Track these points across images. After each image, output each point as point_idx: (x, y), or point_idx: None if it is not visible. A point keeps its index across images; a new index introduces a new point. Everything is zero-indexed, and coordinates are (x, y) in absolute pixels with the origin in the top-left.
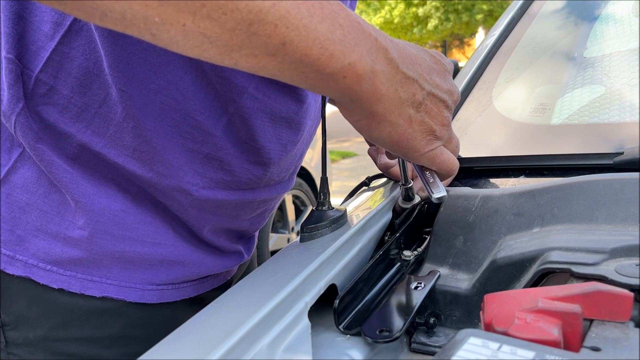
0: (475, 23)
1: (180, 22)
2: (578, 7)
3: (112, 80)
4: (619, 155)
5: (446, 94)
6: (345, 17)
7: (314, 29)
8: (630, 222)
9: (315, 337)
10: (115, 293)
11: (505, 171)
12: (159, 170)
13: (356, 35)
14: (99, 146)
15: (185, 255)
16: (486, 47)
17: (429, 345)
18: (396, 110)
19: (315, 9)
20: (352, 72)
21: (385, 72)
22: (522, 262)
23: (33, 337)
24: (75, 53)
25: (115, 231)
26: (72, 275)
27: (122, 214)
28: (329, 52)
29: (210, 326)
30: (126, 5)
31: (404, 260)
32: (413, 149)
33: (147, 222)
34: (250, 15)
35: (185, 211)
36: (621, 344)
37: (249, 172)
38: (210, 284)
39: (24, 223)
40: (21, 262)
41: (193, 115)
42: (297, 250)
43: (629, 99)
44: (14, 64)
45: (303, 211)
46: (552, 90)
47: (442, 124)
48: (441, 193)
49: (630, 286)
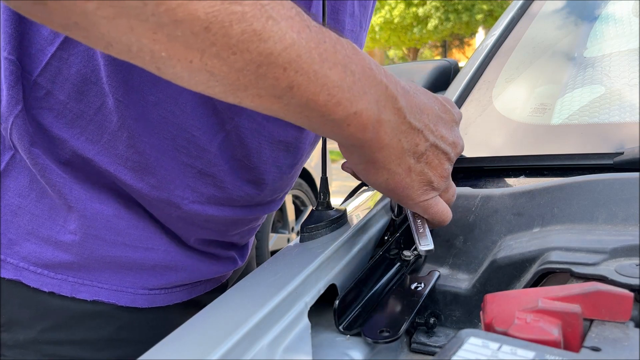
0: (475, 23)
1: (187, 58)
2: (578, 7)
3: (110, 90)
4: (619, 155)
5: (450, 146)
6: (357, 63)
7: (323, 75)
8: (631, 222)
9: (315, 337)
10: (106, 297)
11: (505, 171)
12: (149, 181)
13: (366, 82)
14: (92, 153)
15: (177, 261)
16: (486, 47)
17: (429, 345)
18: (396, 159)
19: (328, 54)
20: (357, 121)
21: (392, 121)
22: (522, 262)
23: (24, 339)
24: (73, 59)
25: (108, 236)
26: (62, 279)
27: (114, 219)
28: (336, 99)
29: (210, 326)
30: (133, 39)
31: (404, 260)
32: (408, 198)
33: (139, 228)
34: (260, 57)
35: (173, 223)
36: (621, 344)
37: (241, 190)
38: (203, 287)
39: (15, 226)
40: (12, 265)
41: (189, 130)
42: (297, 250)
43: (629, 99)
44: (15, 65)
45: (303, 211)
46: (552, 90)
47: (441, 176)
48: (428, 246)
49: (630, 286)
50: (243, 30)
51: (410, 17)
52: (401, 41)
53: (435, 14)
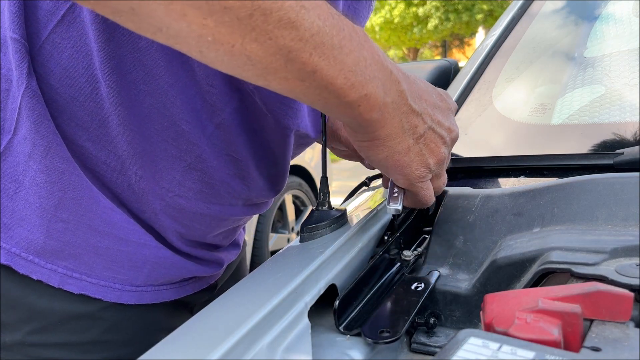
0: (475, 23)
1: (230, 42)
2: (578, 7)
3: (102, 76)
4: (619, 155)
5: (445, 131)
6: (368, 49)
7: (341, 60)
8: (631, 222)
9: (315, 337)
10: (93, 292)
11: (505, 171)
12: (136, 171)
13: (376, 67)
14: (82, 139)
15: (167, 258)
16: (486, 47)
17: (429, 346)
18: (397, 137)
19: (346, 41)
20: (366, 102)
21: (395, 102)
22: (522, 262)
23: (10, 341)
24: (66, 44)
25: (101, 227)
26: (52, 269)
27: (109, 211)
28: (351, 82)
29: (210, 326)
30: (184, 24)
31: (404, 260)
32: (404, 176)
33: (133, 222)
34: (291, 43)
35: (156, 216)
36: (621, 344)
37: (228, 187)
38: (191, 287)
39: (9, 211)
40: (4, 249)
41: (179, 124)
42: (297, 250)
43: (629, 99)
44: (19, 43)
45: (303, 211)
46: (552, 90)
47: (438, 159)
48: (397, 206)
49: (630, 286)
50: (280, 18)
51: (410, 17)
52: (401, 41)
53: (435, 14)
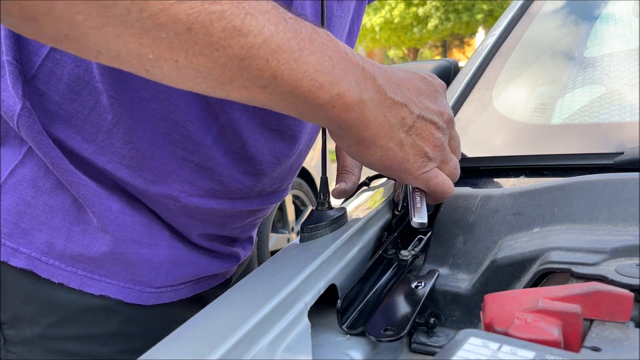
0: (475, 23)
1: (173, 58)
2: (578, 7)
3: (103, 87)
4: (619, 155)
5: (436, 116)
6: (334, 49)
7: (304, 62)
8: (631, 222)
9: (315, 337)
10: (114, 293)
11: (505, 171)
12: (147, 176)
13: (345, 65)
14: (88, 152)
15: (182, 256)
16: (486, 47)
17: (429, 346)
18: (386, 134)
19: (306, 43)
20: (341, 102)
21: (374, 99)
22: (522, 262)
23: (30, 335)
24: (66, 60)
25: (116, 232)
26: (73, 272)
27: (121, 215)
28: (319, 83)
29: (210, 326)
30: (121, 45)
31: (402, 260)
32: (407, 172)
33: (143, 224)
34: (242, 51)
35: (174, 217)
36: (621, 344)
37: (239, 183)
38: (207, 283)
39: (29, 217)
40: (25, 254)
41: (184, 125)
42: (297, 250)
43: (629, 99)
44: (12, 65)
45: (303, 211)
46: (552, 90)
47: (435, 145)
48: (422, 219)
49: (631, 286)
50: (223, 28)
51: (410, 17)
52: (401, 41)
53: (435, 14)
